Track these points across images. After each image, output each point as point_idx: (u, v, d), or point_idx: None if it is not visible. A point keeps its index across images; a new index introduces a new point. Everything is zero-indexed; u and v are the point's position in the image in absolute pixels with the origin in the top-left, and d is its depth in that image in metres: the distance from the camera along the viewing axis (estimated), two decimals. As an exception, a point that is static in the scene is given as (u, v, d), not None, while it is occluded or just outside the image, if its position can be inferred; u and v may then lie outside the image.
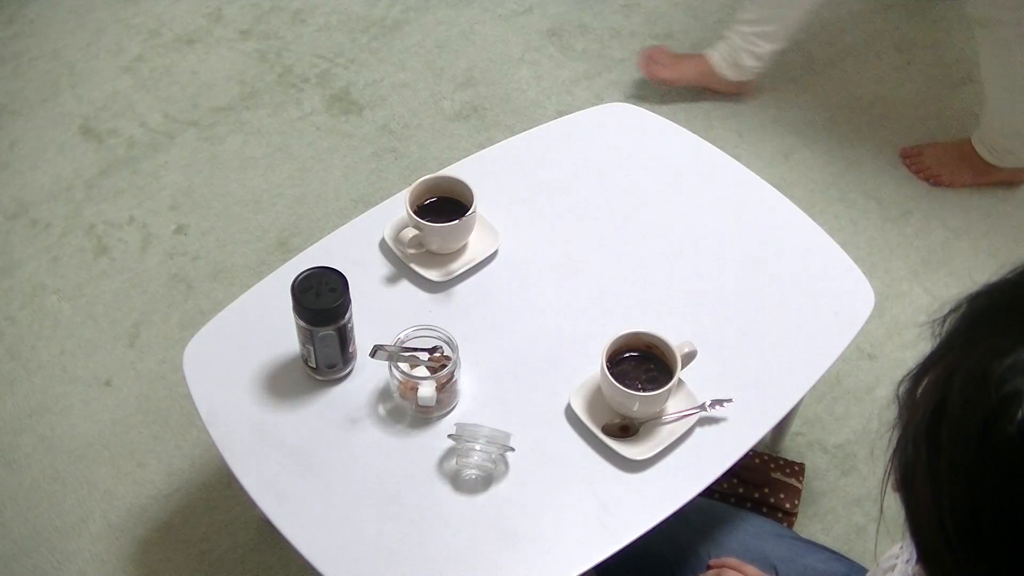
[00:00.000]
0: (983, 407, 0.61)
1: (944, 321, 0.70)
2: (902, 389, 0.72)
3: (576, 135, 1.60)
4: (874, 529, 1.68)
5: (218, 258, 2.08)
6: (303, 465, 1.23)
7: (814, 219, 1.52)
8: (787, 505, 1.63)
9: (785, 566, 1.26)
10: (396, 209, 1.44)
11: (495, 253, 1.44)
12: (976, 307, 0.69)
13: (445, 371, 1.22)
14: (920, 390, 0.70)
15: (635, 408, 1.23)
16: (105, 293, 2.04)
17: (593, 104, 1.66)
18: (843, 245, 1.48)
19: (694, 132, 1.64)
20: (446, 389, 1.24)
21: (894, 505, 0.74)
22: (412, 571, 1.15)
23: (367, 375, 1.31)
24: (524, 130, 1.63)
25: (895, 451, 0.70)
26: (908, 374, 0.72)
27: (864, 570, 1.25)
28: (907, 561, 0.89)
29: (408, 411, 1.27)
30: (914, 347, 1.93)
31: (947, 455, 0.63)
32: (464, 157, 1.58)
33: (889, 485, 0.72)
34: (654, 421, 1.25)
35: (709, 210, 1.52)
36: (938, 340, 0.71)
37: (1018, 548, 0.60)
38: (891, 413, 0.74)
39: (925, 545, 0.67)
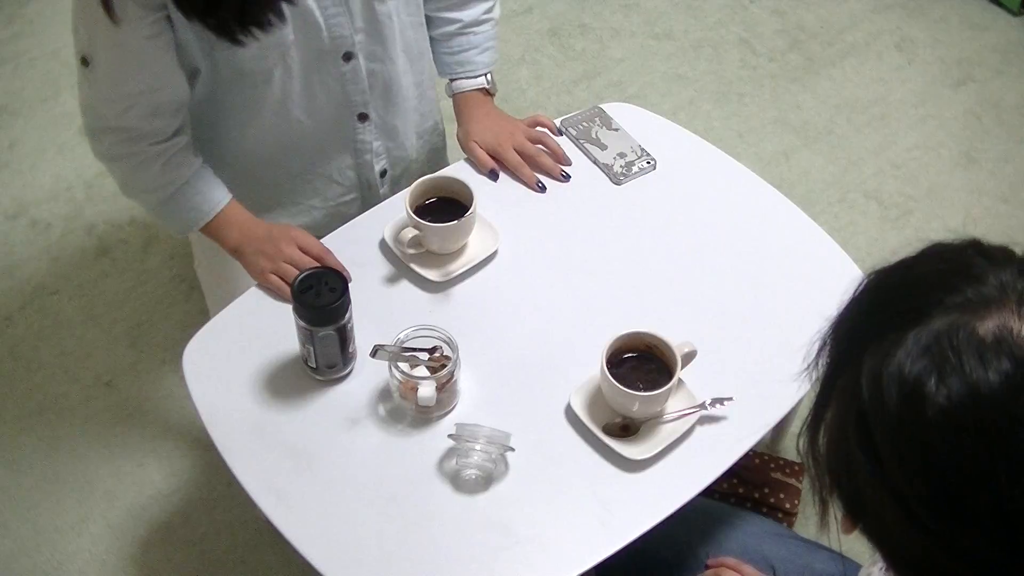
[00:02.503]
0: (901, 399, 0.63)
1: (817, 363, 0.73)
2: (802, 441, 0.73)
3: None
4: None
5: (218, 258, 2.08)
6: (303, 465, 1.23)
7: (814, 219, 1.52)
8: (787, 505, 1.63)
9: (784, 566, 1.26)
10: (396, 209, 1.44)
11: (495, 253, 1.44)
12: (841, 332, 0.72)
13: (445, 371, 1.22)
14: (822, 435, 0.71)
15: (635, 408, 1.23)
16: (106, 293, 2.04)
17: (593, 104, 1.66)
18: (843, 245, 1.48)
19: (694, 132, 1.64)
20: (446, 389, 1.25)
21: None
22: (412, 571, 1.15)
23: (367, 375, 1.31)
24: (524, 130, 1.63)
25: (829, 493, 0.71)
26: (805, 424, 0.73)
27: (864, 570, 1.25)
28: (881, 569, 0.89)
29: (408, 411, 1.27)
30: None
31: (891, 455, 0.63)
32: (464, 157, 1.58)
33: (839, 530, 0.72)
34: (654, 421, 1.25)
35: (709, 210, 1.52)
36: (820, 381, 0.72)
37: (1003, 494, 0.61)
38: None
39: (907, 555, 0.67)
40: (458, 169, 1.54)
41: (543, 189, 1.50)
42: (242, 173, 1.48)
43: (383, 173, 1.57)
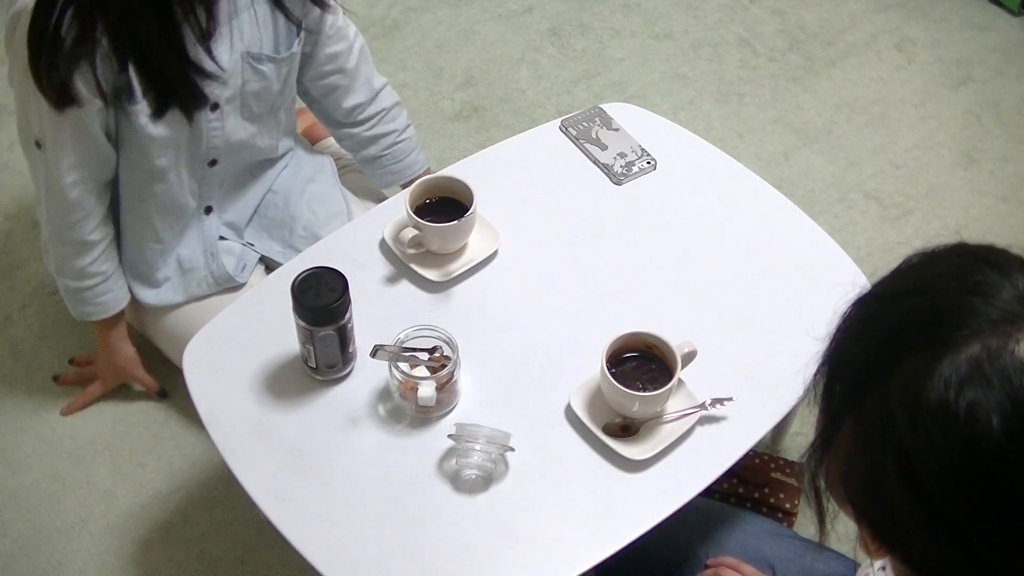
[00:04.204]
0: (951, 435, 0.60)
1: (815, 385, 0.69)
2: (806, 470, 0.70)
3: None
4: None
5: (218, 258, 2.08)
6: (303, 465, 1.23)
7: (814, 219, 1.52)
8: (787, 505, 1.63)
9: (784, 566, 1.26)
10: (396, 209, 1.44)
11: (495, 253, 1.44)
12: (850, 362, 0.68)
13: (445, 371, 1.22)
14: (827, 462, 0.68)
15: (635, 408, 1.23)
16: (105, 293, 2.03)
17: (593, 104, 1.66)
18: (843, 245, 1.49)
19: (694, 132, 1.64)
20: (446, 389, 1.25)
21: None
22: (412, 571, 1.15)
23: (367, 375, 1.31)
24: (524, 130, 1.63)
25: (860, 528, 0.68)
26: (808, 453, 0.70)
27: (864, 570, 1.25)
28: (880, 569, 0.89)
29: (408, 411, 1.27)
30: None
31: (946, 495, 0.61)
32: (464, 157, 1.58)
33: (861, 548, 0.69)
34: (654, 421, 1.25)
35: (709, 210, 1.52)
36: (824, 410, 0.69)
37: None
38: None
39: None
40: (458, 169, 1.54)
41: None
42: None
43: (243, 268, 1.69)
